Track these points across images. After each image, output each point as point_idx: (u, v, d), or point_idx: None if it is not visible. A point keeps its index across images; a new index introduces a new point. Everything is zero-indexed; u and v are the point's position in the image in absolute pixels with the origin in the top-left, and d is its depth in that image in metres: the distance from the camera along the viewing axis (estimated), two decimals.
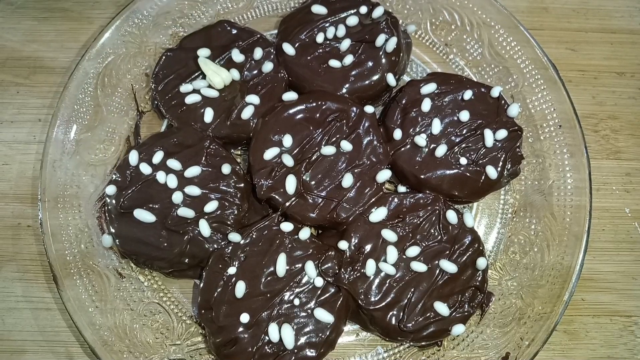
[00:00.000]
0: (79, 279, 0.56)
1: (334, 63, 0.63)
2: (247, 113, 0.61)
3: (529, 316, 0.56)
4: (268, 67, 0.63)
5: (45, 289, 0.60)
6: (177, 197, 0.56)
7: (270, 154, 0.58)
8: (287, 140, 0.59)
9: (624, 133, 0.70)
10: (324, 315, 0.53)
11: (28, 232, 0.62)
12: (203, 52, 0.63)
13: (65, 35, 0.72)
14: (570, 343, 0.60)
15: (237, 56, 0.63)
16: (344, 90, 0.63)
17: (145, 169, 0.57)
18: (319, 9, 0.65)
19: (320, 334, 0.53)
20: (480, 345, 0.56)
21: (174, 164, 0.58)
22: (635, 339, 0.60)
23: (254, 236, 0.55)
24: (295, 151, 0.59)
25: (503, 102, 0.62)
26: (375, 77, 0.63)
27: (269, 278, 0.54)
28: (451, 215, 0.57)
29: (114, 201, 0.57)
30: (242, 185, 0.58)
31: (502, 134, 0.60)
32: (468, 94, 0.62)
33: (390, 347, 0.57)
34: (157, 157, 0.58)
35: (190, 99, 0.61)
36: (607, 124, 0.70)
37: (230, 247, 0.55)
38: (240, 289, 0.53)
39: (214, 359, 0.55)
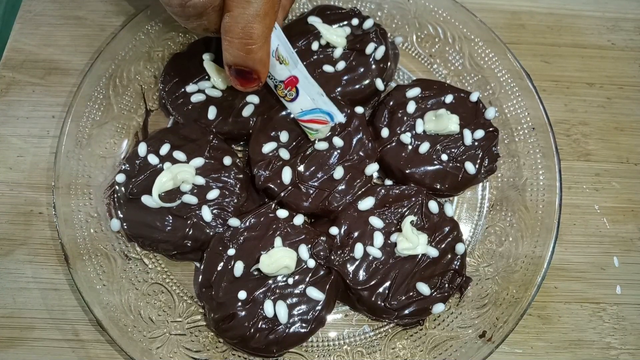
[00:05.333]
0: (88, 260, 0.60)
1: (327, 68, 0.69)
2: (247, 111, 0.66)
3: (504, 299, 0.61)
4: None
5: (53, 271, 0.64)
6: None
7: (268, 147, 0.63)
8: (284, 136, 0.64)
9: (594, 137, 0.76)
10: (315, 294, 0.57)
11: (39, 219, 0.67)
12: (208, 56, 0.68)
13: (79, 40, 0.77)
14: (543, 327, 0.65)
15: None
16: (337, 93, 0.68)
17: (153, 159, 0.62)
18: (314, 20, 0.71)
19: (311, 311, 0.57)
20: (459, 325, 0.60)
21: (179, 155, 0.62)
22: (603, 323, 0.65)
23: (252, 221, 0.60)
24: (291, 146, 0.64)
25: (481, 105, 0.68)
26: (365, 82, 0.69)
27: None
28: (433, 206, 0.62)
29: (123, 188, 0.61)
30: (242, 176, 0.63)
31: (480, 134, 0.65)
32: (449, 98, 0.67)
33: (377, 327, 0.61)
34: (164, 149, 0.63)
35: (196, 98, 0.67)
36: (578, 129, 0.77)
37: (230, 231, 0.60)
38: (239, 268, 0.57)
39: (212, 335, 0.59)
